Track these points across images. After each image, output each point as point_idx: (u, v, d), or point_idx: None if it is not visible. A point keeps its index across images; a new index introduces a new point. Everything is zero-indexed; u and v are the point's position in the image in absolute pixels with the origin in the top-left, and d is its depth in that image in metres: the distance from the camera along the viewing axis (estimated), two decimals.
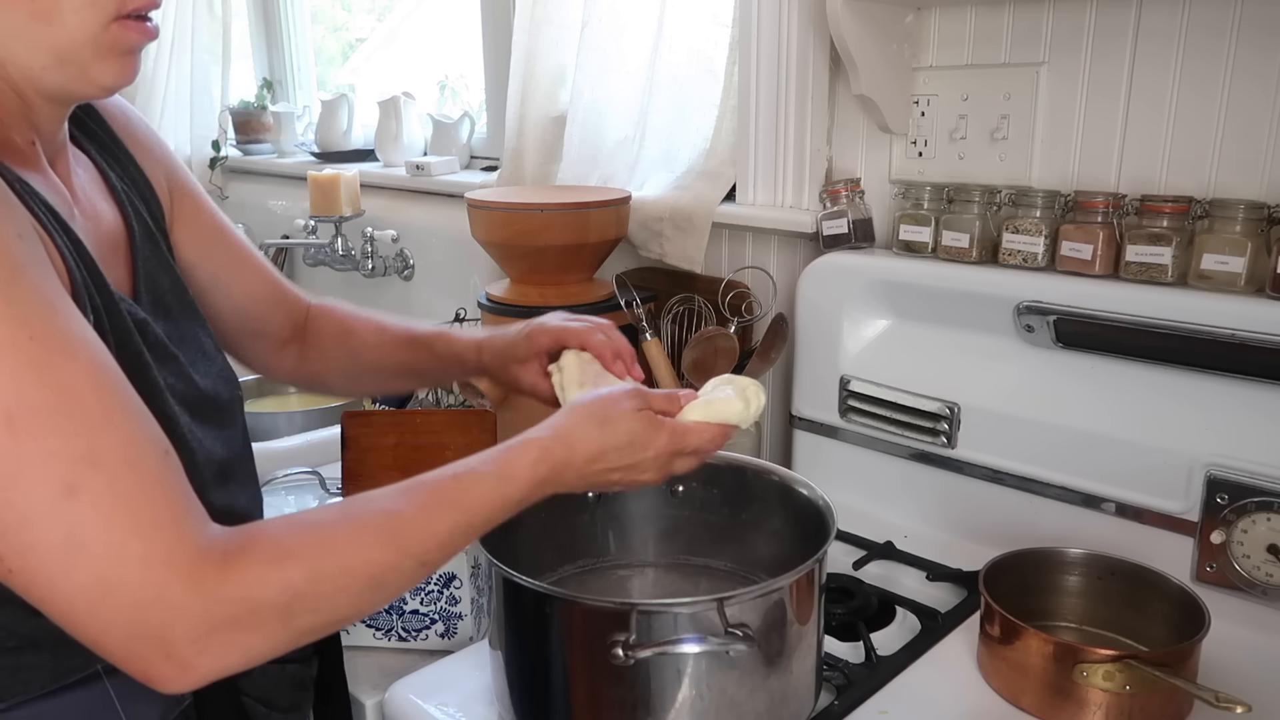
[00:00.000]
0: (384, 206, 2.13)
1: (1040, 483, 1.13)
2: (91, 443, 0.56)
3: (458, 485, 0.69)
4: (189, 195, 0.91)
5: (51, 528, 0.54)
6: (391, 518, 0.66)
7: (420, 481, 0.69)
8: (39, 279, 0.58)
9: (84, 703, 0.69)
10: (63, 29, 0.66)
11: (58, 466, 0.55)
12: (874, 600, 1.05)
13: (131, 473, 0.57)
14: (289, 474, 1.43)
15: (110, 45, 0.68)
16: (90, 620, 0.56)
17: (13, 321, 0.55)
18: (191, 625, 0.56)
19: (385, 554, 0.64)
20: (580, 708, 0.80)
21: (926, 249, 1.20)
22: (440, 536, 0.67)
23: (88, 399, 0.57)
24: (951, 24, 1.23)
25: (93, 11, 0.66)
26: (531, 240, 1.38)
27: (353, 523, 0.65)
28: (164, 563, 0.56)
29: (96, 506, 0.55)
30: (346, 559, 0.62)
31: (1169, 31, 1.05)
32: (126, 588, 0.55)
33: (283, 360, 1.04)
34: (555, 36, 1.68)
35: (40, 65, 0.67)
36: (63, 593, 0.55)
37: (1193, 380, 1.03)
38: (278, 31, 2.68)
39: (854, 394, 1.27)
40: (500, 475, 0.71)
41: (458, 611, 1.03)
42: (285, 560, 0.60)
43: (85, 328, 0.60)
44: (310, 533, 0.63)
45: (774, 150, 1.39)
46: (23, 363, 0.55)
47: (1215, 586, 1.00)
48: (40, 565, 0.55)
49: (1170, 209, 1.03)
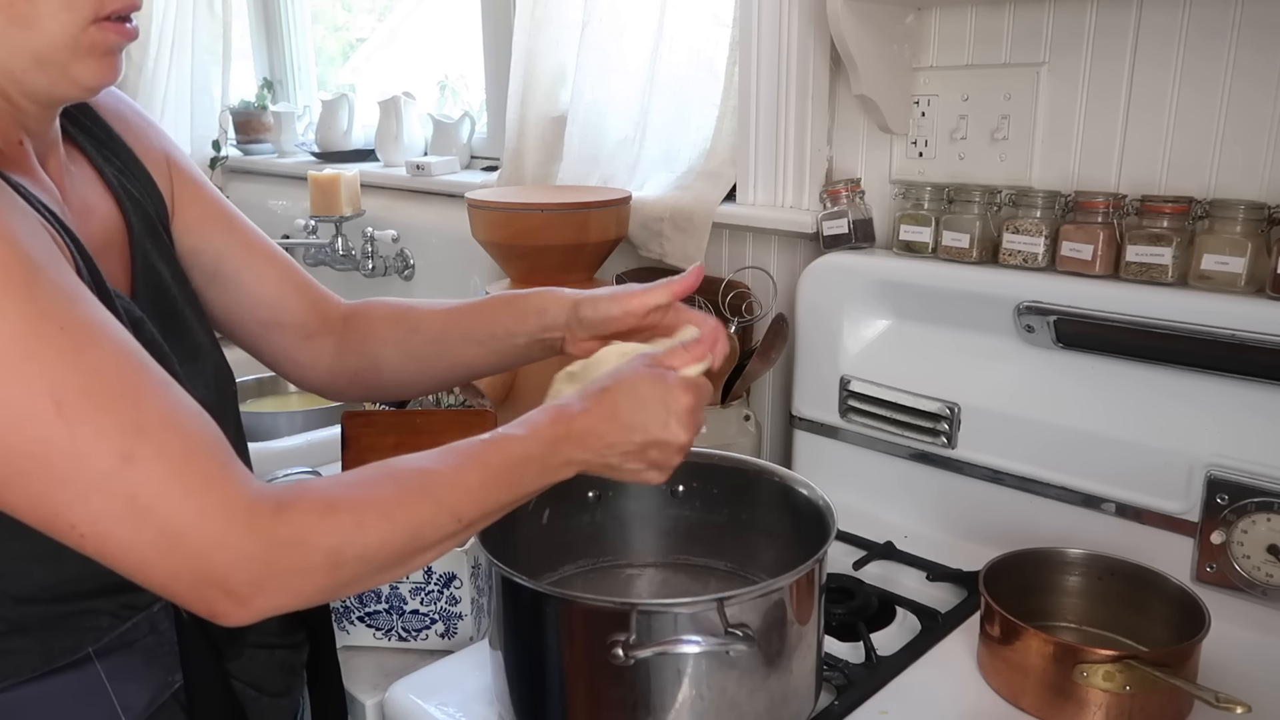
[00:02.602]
0: (384, 206, 2.13)
1: (1040, 483, 1.13)
2: (136, 413, 0.60)
3: (484, 444, 0.71)
4: (190, 181, 0.90)
5: (115, 495, 0.58)
6: (426, 475, 0.68)
7: (451, 446, 0.71)
8: (57, 272, 0.61)
9: (74, 684, 0.70)
10: (41, 33, 0.67)
11: (111, 439, 0.58)
12: (874, 600, 1.05)
13: (177, 436, 0.61)
14: (289, 474, 1.43)
15: (89, 47, 0.69)
16: (160, 571, 0.60)
17: (40, 317, 0.58)
18: (251, 568, 0.61)
19: (424, 506, 0.67)
20: (580, 708, 0.80)
21: (927, 249, 1.20)
22: (473, 491, 0.69)
23: (125, 374, 0.61)
24: (952, 24, 1.23)
25: (70, 15, 0.67)
26: (532, 240, 1.38)
27: (393, 479, 0.67)
28: (221, 513, 0.60)
29: (151, 470, 0.59)
30: (389, 510, 0.65)
31: (1169, 32, 1.05)
32: (190, 539, 0.59)
33: (315, 356, 0.97)
34: (555, 36, 1.68)
35: (21, 68, 0.68)
36: (134, 550, 0.60)
37: (1193, 380, 1.03)
38: (278, 31, 2.69)
39: (854, 394, 1.27)
40: (522, 433, 0.72)
41: (458, 611, 1.03)
42: (332, 511, 0.63)
43: (104, 311, 0.63)
44: (353, 488, 0.66)
45: (774, 150, 1.39)
46: (57, 353, 0.58)
47: (1215, 587, 1.00)
48: (111, 529, 0.59)
49: (1170, 209, 1.03)
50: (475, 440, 0.72)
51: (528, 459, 0.72)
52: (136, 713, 0.73)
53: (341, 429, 1.18)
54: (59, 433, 0.57)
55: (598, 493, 1.00)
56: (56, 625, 0.61)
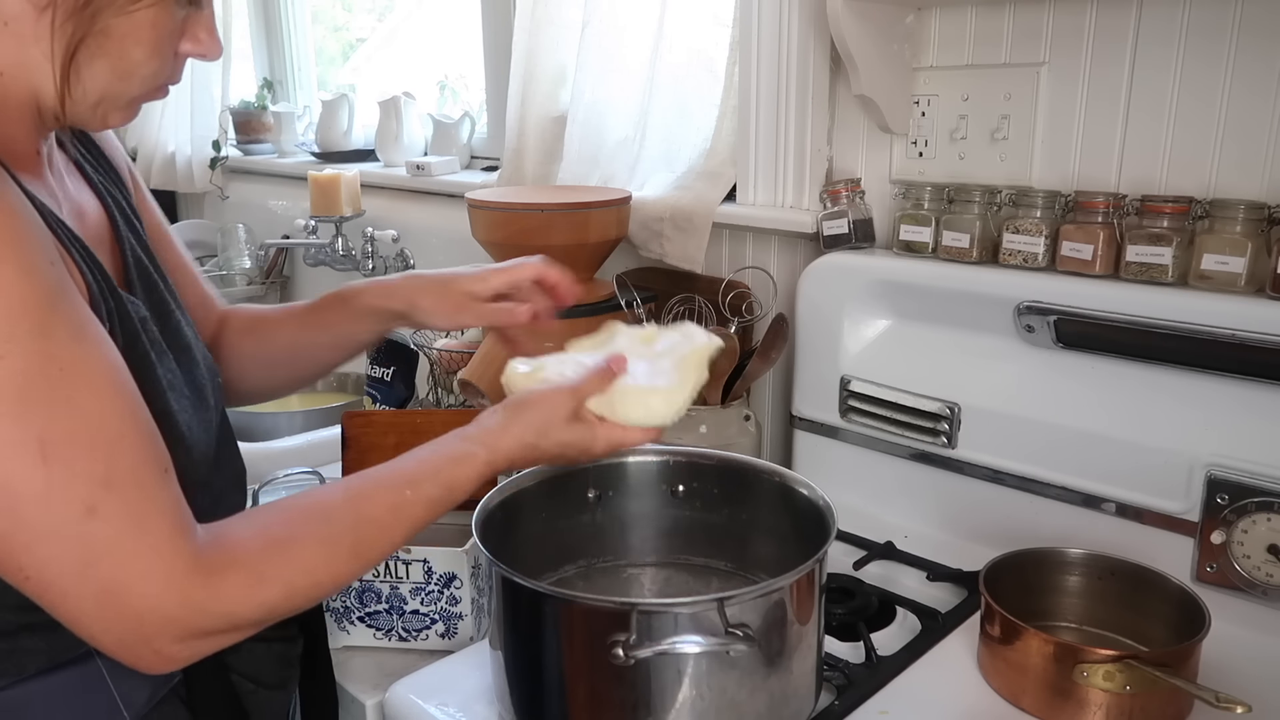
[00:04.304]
0: (384, 206, 2.13)
1: (1040, 483, 1.13)
2: (109, 466, 0.61)
3: (411, 495, 0.74)
4: (139, 188, 0.91)
5: (71, 545, 0.59)
6: (355, 533, 0.71)
7: (376, 483, 0.74)
8: (68, 307, 0.62)
9: (77, 681, 0.72)
10: (127, 86, 0.70)
11: (80, 489, 0.59)
12: (874, 600, 1.05)
13: (140, 493, 0.62)
14: (289, 474, 1.43)
15: (138, 100, 0.72)
16: (93, 623, 0.62)
17: (45, 356, 0.59)
18: (179, 631, 0.63)
19: (349, 565, 0.71)
20: (580, 708, 0.80)
21: (927, 249, 1.20)
22: (394, 543, 0.74)
23: (109, 423, 0.62)
24: (952, 24, 1.23)
25: (154, 80, 0.71)
26: (532, 240, 1.38)
27: (321, 542, 0.70)
28: (163, 577, 0.62)
29: (111, 526, 0.60)
30: (317, 576, 0.69)
31: (1169, 32, 1.05)
32: (128, 599, 0.61)
33: None
34: (555, 36, 1.68)
35: (84, 100, 0.69)
36: (73, 600, 0.61)
37: (1193, 380, 1.03)
38: (278, 31, 2.69)
39: (854, 394, 1.27)
40: (445, 486, 0.76)
41: (458, 611, 1.03)
42: (262, 585, 0.66)
43: (108, 350, 0.64)
44: (284, 556, 0.68)
45: (774, 150, 1.39)
46: (54, 394, 0.59)
47: (1215, 587, 1.00)
48: (57, 577, 0.60)
49: (1171, 209, 1.03)
50: (403, 482, 0.74)
51: (450, 498, 0.76)
52: (138, 708, 0.74)
53: (342, 429, 1.18)
54: (37, 475, 0.58)
55: (598, 493, 1.00)
56: (62, 626, 0.62)
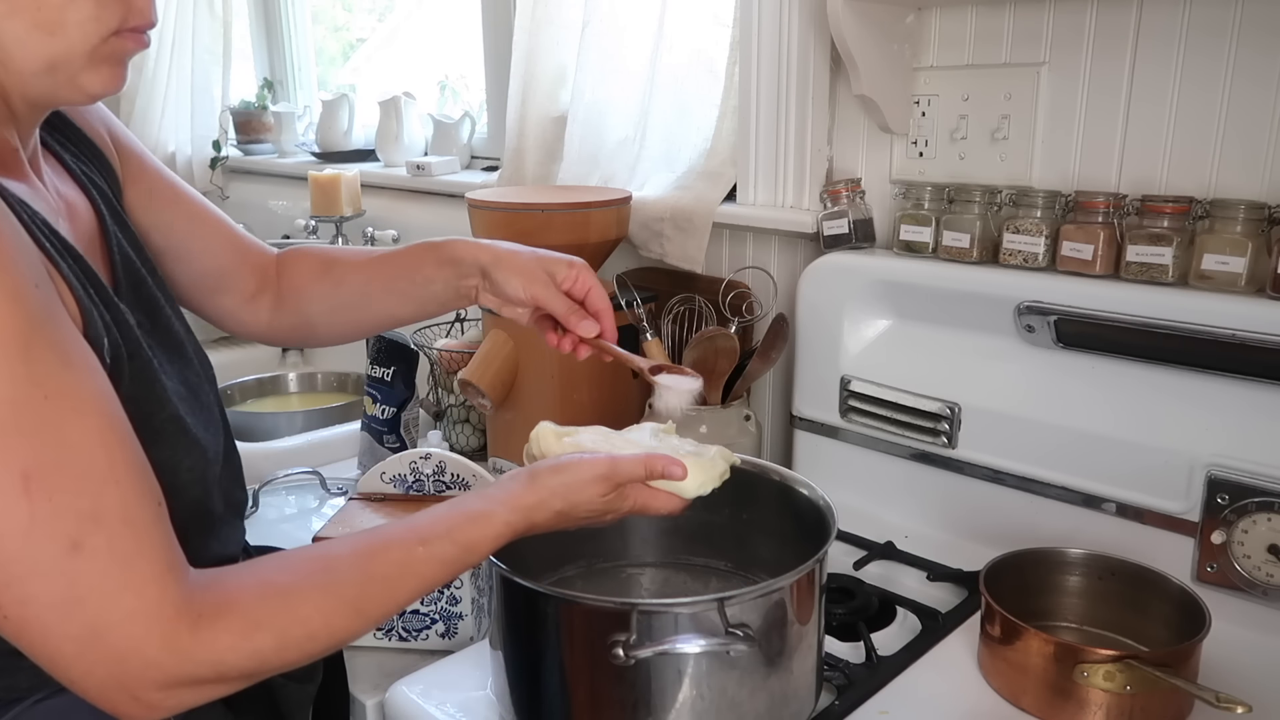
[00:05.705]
0: (385, 206, 2.13)
1: (1041, 483, 1.13)
2: (96, 501, 0.58)
3: (423, 553, 0.71)
4: (132, 154, 0.89)
5: (54, 582, 0.57)
6: (360, 588, 0.68)
7: (388, 539, 0.71)
8: (54, 332, 0.59)
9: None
10: (63, 39, 0.67)
11: (65, 524, 0.57)
12: (874, 600, 1.05)
13: (129, 530, 0.59)
14: (289, 474, 1.43)
15: (105, 56, 0.69)
16: (73, 666, 0.59)
17: (29, 382, 0.56)
18: (162, 679, 0.59)
19: (350, 622, 0.67)
20: (580, 708, 0.80)
21: (927, 249, 1.20)
22: (400, 602, 0.71)
23: (97, 455, 0.59)
24: (952, 24, 1.22)
25: (95, 25, 0.67)
26: (532, 240, 1.36)
27: (323, 593, 0.66)
28: (148, 619, 0.59)
29: (96, 563, 0.57)
30: (313, 629, 0.65)
31: (1170, 31, 1.05)
32: (111, 641, 0.58)
33: (256, 314, 1.00)
34: (556, 36, 1.68)
35: (32, 71, 0.67)
36: (54, 641, 0.58)
37: (1193, 380, 1.03)
38: (278, 31, 2.69)
39: (854, 394, 1.27)
40: (461, 545, 0.72)
41: (458, 611, 1.03)
42: (256, 632, 0.62)
43: (98, 378, 0.61)
44: (281, 603, 0.64)
45: (774, 150, 1.39)
46: (39, 423, 0.57)
47: (1216, 587, 1.00)
48: (37, 616, 0.57)
49: (1171, 209, 1.03)
50: (414, 542, 0.71)
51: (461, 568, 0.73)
52: None
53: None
54: (20, 508, 0.55)
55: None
56: None
